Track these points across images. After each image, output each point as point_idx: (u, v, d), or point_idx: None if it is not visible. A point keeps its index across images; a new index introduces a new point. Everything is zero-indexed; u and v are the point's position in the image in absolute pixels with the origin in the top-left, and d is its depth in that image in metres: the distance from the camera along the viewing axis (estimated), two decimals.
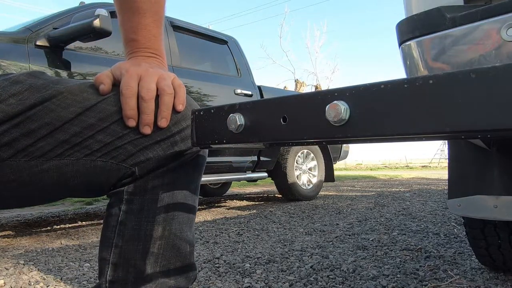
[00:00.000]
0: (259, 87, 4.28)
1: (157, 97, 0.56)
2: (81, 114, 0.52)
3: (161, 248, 0.57)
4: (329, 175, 5.01)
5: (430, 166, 23.11)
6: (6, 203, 0.56)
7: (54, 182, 0.54)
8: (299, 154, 4.64)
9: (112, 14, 2.56)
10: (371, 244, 2.24)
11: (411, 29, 1.04)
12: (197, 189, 0.62)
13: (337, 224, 2.99)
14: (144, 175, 0.56)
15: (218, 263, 1.90)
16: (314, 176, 4.83)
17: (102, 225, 0.59)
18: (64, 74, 2.66)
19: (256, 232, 2.73)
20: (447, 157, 1.43)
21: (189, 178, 0.60)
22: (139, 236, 0.56)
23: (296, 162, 4.56)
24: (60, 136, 0.51)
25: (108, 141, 0.53)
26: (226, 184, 5.67)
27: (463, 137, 0.36)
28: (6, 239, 2.72)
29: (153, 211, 0.56)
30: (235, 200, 5.12)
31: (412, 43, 1.03)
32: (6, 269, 1.88)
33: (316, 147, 4.80)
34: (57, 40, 2.62)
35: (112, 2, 0.65)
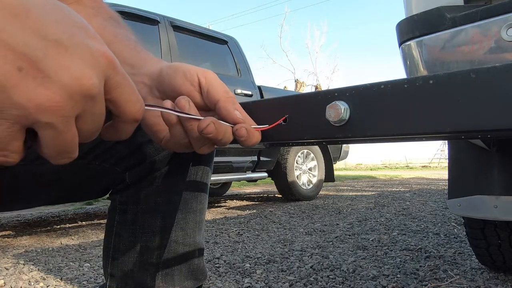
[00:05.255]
0: (259, 87, 4.28)
1: None
2: None
3: (160, 258, 0.55)
4: (329, 175, 5.01)
5: (430, 166, 23.10)
6: (4, 206, 0.56)
7: (50, 185, 0.52)
8: (299, 154, 4.64)
9: None
10: (371, 244, 2.24)
11: (411, 29, 1.03)
12: (204, 189, 0.58)
13: (337, 224, 2.99)
14: (136, 182, 0.53)
15: (218, 263, 1.90)
16: (314, 176, 4.83)
17: (103, 225, 0.59)
18: None
19: (256, 232, 2.73)
20: (447, 157, 1.43)
21: (191, 179, 0.56)
22: (135, 248, 0.54)
23: (296, 162, 4.56)
24: None
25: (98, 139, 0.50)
26: (226, 184, 5.67)
27: (463, 137, 0.36)
28: (6, 239, 2.71)
29: (148, 222, 0.54)
30: (235, 200, 5.12)
31: (412, 43, 1.03)
32: (6, 269, 1.88)
33: (316, 147, 4.80)
34: None
35: (113, 2, 0.64)
